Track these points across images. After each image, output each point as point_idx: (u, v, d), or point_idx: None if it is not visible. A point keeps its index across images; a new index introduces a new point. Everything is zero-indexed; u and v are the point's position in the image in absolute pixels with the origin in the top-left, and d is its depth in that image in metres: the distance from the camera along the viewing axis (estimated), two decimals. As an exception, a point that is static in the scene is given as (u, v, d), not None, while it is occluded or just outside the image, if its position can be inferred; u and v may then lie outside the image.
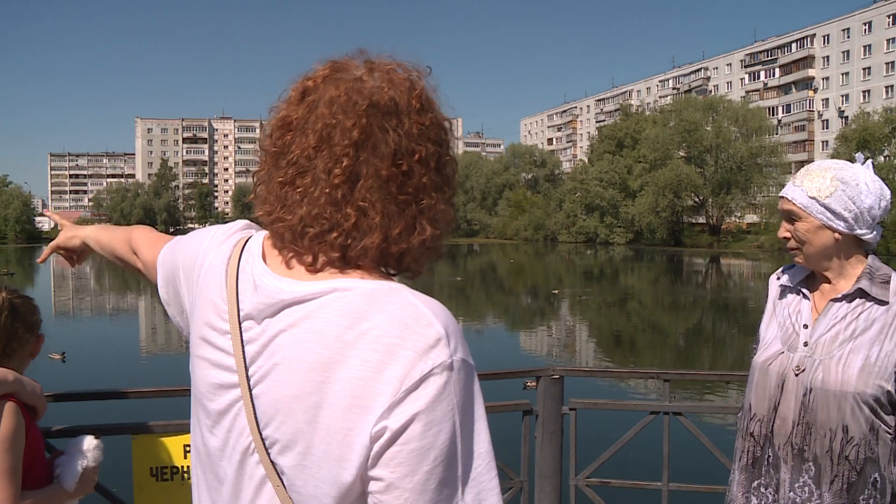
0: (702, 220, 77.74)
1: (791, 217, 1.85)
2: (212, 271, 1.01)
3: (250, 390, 0.90)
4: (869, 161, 1.90)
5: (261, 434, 0.89)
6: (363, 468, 0.82)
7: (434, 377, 0.82)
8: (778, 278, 2.04)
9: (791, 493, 1.79)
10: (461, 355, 0.85)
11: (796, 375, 1.82)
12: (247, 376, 0.91)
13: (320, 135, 0.91)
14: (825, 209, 1.79)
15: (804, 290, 1.93)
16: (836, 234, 1.81)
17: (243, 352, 0.92)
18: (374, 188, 0.90)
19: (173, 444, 2.37)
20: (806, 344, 1.84)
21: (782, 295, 1.99)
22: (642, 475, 3.18)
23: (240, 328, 0.93)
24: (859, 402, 1.73)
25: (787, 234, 1.87)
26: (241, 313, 0.93)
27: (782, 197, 1.87)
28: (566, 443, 3.06)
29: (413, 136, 0.92)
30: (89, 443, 1.89)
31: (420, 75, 0.97)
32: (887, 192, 1.83)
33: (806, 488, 1.77)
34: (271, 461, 0.89)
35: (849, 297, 1.83)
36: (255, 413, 0.90)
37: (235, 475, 0.93)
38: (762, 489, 1.86)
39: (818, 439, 1.76)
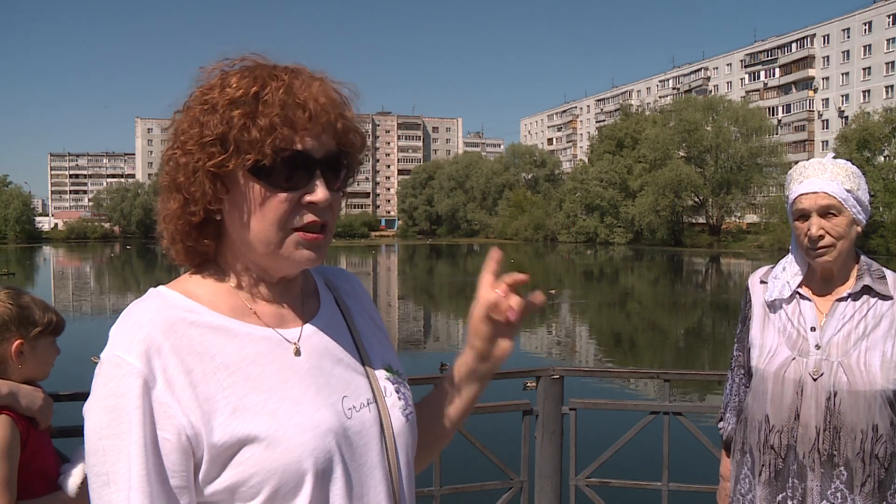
0: (702, 220, 77.65)
1: (828, 212, 1.77)
2: None
3: None
4: (830, 154, 1.91)
5: None
6: None
7: (97, 369, 0.88)
8: (762, 282, 1.98)
9: (823, 502, 1.73)
10: (115, 352, 0.87)
11: (814, 380, 1.77)
12: None
13: None
14: (857, 202, 1.77)
15: (799, 292, 1.88)
16: (859, 228, 1.80)
17: None
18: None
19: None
20: (818, 347, 1.79)
21: (772, 298, 1.92)
22: (642, 475, 3.18)
23: None
24: (885, 399, 1.72)
25: (823, 232, 1.77)
26: None
27: (816, 192, 1.77)
28: (566, 443, 3.06)
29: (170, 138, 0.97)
30: None
31: (205, 80, 0.96)
32: None
33: (839, 494, 1.72)
34: None
35: (854, 296, 1.81)
36: None
37: None
38: (788, 501, 1.78)
39: (848, 442, 1.72)
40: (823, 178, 1.77)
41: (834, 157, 1.87)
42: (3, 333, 1.79)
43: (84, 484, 1.82)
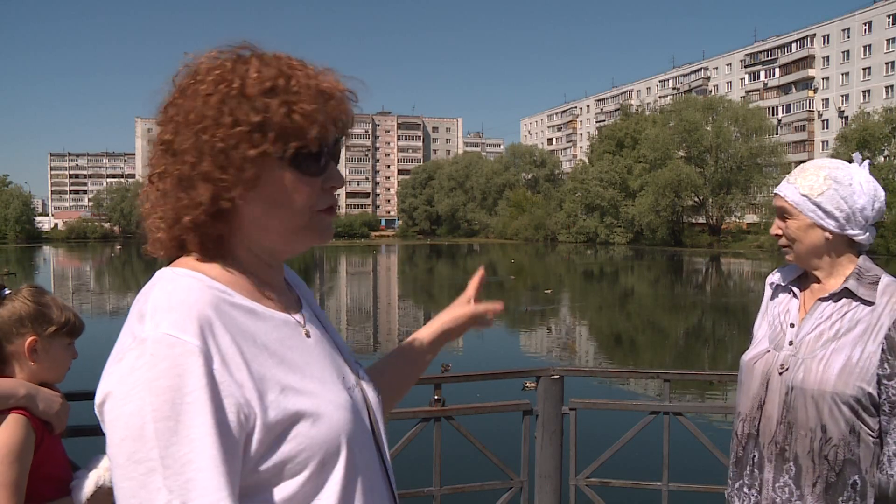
0: (702, 220, 77.65)
1: (783, 214, 1.85)
2: None
3: None
4: (866, 161, 1.88)
5: None
6: None
7: (131, 351, 0.84)
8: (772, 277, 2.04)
9: (772, 493, 1.78)
10: (166, 331, 0.84)
11: (780, 374, 1.81)
12: None
13: None
14: (817, 207, 1.79)
15: (794, 289, 1.92)
16: (827, 234, 1.80)
17: None
18: (149, 180, 1.00)
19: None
20: (791, 343, 1.83)
21: (774, 294, 1.99)
22: (642, 475, 3.18)
23: None
24: (838, 403, 1.71)
25: (779, 232, 1.87)
26: None
27: (776, 194, 1.87)
28: (566, 443, 3.06)
29: (161, 122, 0.97)
30: (107, 459, 1.87)
31: (206, 59, 0.96)
32: (881, 194, 1.81)
33: (786, 489, 1.76)
34: None
35: (835, 297, 1.82)
36: None
37: None
38: (745, 489, 1.84)
39: (799, 439, 1.75)
40: (789, 180, 1.85)
41: (837, 159, 1.89)
42: (18, 329, 1.77)
43: (97, 493, 1.78)
